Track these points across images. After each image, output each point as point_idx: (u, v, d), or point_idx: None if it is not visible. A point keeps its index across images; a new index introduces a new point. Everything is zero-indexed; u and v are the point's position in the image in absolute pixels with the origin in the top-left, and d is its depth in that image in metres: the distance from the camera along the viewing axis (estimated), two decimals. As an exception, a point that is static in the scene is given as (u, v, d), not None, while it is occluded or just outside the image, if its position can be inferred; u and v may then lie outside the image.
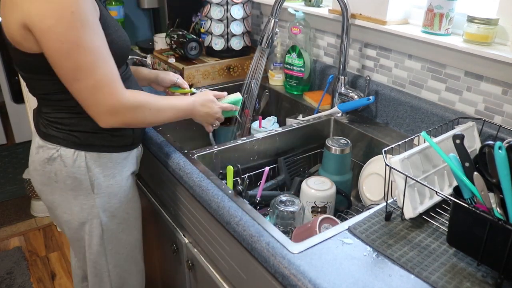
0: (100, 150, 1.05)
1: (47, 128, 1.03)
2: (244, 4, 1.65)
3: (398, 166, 0.81)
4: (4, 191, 2.75)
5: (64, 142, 1.02)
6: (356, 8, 1.34)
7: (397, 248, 0.77)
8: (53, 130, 1.03)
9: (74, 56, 0.88)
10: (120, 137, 1.07)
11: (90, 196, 1.06)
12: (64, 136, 1.02)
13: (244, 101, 1.48)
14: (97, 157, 1.05)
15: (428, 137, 0.84)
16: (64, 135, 1.02)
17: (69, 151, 1.02)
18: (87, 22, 0.88)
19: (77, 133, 1.02)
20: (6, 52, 2.95)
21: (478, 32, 1.07)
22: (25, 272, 2.12)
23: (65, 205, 1.08)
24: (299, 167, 1.28)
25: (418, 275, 0.71)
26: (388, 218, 0.85)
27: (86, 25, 0.87)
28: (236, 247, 0.91)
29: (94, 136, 1.03)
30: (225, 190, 0.96)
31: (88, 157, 1.04)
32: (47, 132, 1.03)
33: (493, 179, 0.73)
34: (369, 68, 1.42)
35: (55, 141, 1.03)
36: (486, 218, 0.67)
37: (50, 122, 1.03)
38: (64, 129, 1.02)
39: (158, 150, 1.17)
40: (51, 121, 1.03)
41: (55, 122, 1.02)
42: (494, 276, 0.71)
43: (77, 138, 1.02)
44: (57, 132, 1.02)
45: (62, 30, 0.85)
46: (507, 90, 1.07)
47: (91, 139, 1.03)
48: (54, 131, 1.03)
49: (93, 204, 1.07)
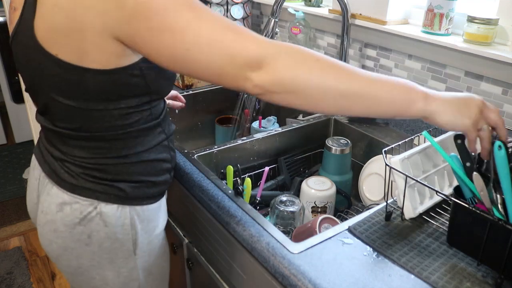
0: (143, 203, 0.87)
1: (78, 179, 0.81)
2: (244, 4, 1.65)
3: (398, 166, 0.81)
4: (4, 191, 2.75)
5: (104, 197, 0.82)
6: (356, 8, 1.34)
7: (397, 248, 0.77)
8: (88, 181, 0.82)
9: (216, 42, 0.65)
10: (160, 185, 0.91)
11: (131, 258, 0.88)
12: (104, 188, 0.82)
13: (244, 101, 1.48)
14: (140, 210, 0.87)
15: (430, 137, 0.84)
16: (104, 187, 0.82)
17: (111, 208, 0.83)
18: None
19: (122, 184, 0.83)
20: (6, 52, 2.97)
21: (478, 32, 1.08)
22: (25, 272, 2.12)
23: (94, 270, 0.88)
24: (299, 167, 1.28)
25: (418, 275, 0.71)
26: (388, 218, 0.85)
27: None
28: (236, 247, 0.91)
29: (139, 187, 0.85)
30: (225, 190, 0.96)
31: (133, 213, 0.85)
32: (78, 184, 0.81)
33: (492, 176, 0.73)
34: (369, 68, 1.42)
35: (92, 196, 0.82)
36: (487, 218, 0.67)
37: (86, 169, 0.82)
38: (105, 179, 0.82)
39: (158, 150, 1.17)
40: (87, 168, 0.81)
41: (94, 170, 0.81)
42: (494, 276, 0.71)
43: (121, 190, 0.83)
44: (94, 183, 0.82)
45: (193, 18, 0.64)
46: (507, 90, 1.07)
47: (136, 191, 0.85)
48: (90, 183, 0.82)
49: (134, 266, 0.90)
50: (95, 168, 0.82)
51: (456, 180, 0.90)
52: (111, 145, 0.81)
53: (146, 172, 0.86)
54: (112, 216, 0.83)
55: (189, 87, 1.55)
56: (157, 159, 0.88)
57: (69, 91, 0.74)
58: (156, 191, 0.90)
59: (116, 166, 0.82)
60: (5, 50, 2.97)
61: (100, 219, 0.83)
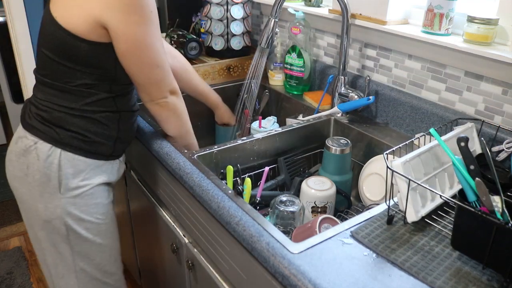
0: (76, 152, 1.05)
1: (31, 118, 1.04)
2: (244, 4, 1.65)
3: (400, 169, 0.80)
4: (4, 191, 2.75)
5: (43, 136, 1.03)
6: (356, 8, 1.34)
7: (400, 253, 0.76)
8: (36, 121, 1.04)
9: (156, 47, 1.02)
10: (99, 144, 1.08)
11: (56, 195, 1.06)
12: (45, 129, 1.03)
13: (244, 101, 1.48)
14: (71, 157, 1.05)
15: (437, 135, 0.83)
16: (45, 128, 1.03)
17: (45, 146, 1.03)
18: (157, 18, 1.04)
19: (59, 129, 1.03)
20: (6, 52, 2.97)
21: (478, 32, 1.07)
22: (25, 272, 2.12)
23: (31, 200, 1.08)
24: (299, 167, 1.28)
25: (424, 280, 0.70)
26: (390, 221, 0.84)
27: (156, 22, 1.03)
28: (236, 247, 0.91)
29: (74, 137, 1.04)
30: (225, 190, 0.96)
31: (63, 156, 1.04)
32: (30, 122, 1.04)
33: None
34: (369, 68, 1.42)
35: (35, 133, 1.03)
36: (493, 221, 0.67)
37: (38, 109, 1.04)
38: (48, 121, 1.03)
39: (158, 150, 1.17)
40: (39, 109, 1.04)
41: (43, 111, 1.03)
42: (499, 280, 0.70)
43: (57, 134, 1.03)
44: (39, 123, 1.03)
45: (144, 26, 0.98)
46: (507, 90, 1.07)
47: (70, 139, 1.04)
48: (38, 122, 1.03)
49: (58, 204, 1.06)
50: (45, 110, 1.03)
51: (457, 182, 0.90)
52: (64, 96, 1.03)
53: (85, 127, 1.05)
54: (45, 152, 1.03)
55: None
56: (101, 122, 1.06)
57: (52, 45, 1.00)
58: (92, 149, 1.07)
59: (60, 113, 1.03)
60: (5, 50, 2.97)
61: (36, 153, 1.03)
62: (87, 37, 0.97)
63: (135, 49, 0.99)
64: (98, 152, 1.09)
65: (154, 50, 1.02)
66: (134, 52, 1.00)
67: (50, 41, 1.00)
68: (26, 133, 1.05)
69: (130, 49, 0.99)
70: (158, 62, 1.04)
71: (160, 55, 1.04)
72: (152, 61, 1.03)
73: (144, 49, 1.00)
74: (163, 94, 1.09)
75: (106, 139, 1.09)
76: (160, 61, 1.05)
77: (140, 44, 0.99)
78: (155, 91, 1.08)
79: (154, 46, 1.02)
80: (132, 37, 0.98)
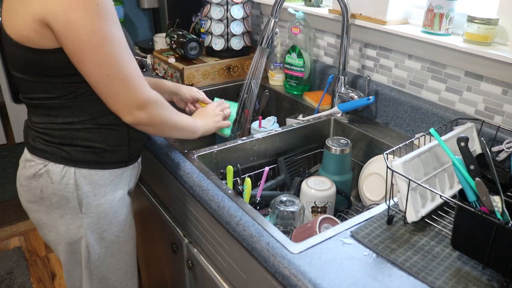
0: (91, 166, 0.98)
1: (35, 141, 0.97)
2: (244, 4, 1.65)
3: (400, 169, 0.80)
4: (4, 191, 2.75)
5: (52, 157, 0.96)
6: (356, 8, 1.34)
7: (400, 253, 0.76)
8: (41, 143, 0.96)
9: (103, 49, 0.85)
10: (115, 153, 1.01)
11: (78, 216, 0.99)
12: (52, 150, 0.96)
13: (244, 101, 1.48)
14: (88, 174, 0.98)
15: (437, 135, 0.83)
16: (52, 149, 0.96)
17: (57, 167, 0.96)
18: (112, 15, 0.86)
19: (67, 147, 0.96)
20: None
21: (478, 32, 1.07)
22: (25, 272, 2.12)
23: (51, 224, 1.01)
24: (299, 167, 1.28)
25: (424, 280, 0.70)
26: (390, 222, 0.84)
27: (110, 18, 0.85)
28: (236, 247, 0.91)
29: (86, 151, 0.97)
30: (225, 190, 0.96)
31: (78, 174, 0.97)
32: (35, 146, 0.97)
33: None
34: (369, 68, 1.42)
35: (42, 156, 0.96)
36: (493, 222, 0.67)
37: (39, 133, 0.97)
38: (53, 142, 0.96)
39: (158, 150, 1.17)
40: (40, 133, 0.97)
41: (44, 134, 0.96)
42: (499, 280, 0.70)
43: (66, 153, 0.96)
44: (45, 145, 0.96)
45: (89, 22, 0.82)
46: (507, 90, 1.07)
47: (81, 154, 0.96)
48: (42, 145, 0.96)
49: (81, 224, 1.00)
50: (45, 132, 0.96)
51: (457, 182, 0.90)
52: (58, 113, 0.94)
53: (94, 138, 0.97)
54: (57, 174, 0.96)
55: None
56: (108, 128, 0.98)
57: (19, 66, 0.91)
58: (109, 158, 1.00)
59: (62, 131, 0.95)
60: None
61: (48, 176, 0.96)
62: (44, 46, 0.86)
63: (79, 50, 0.84)
64: (115, 161, 1.02)
65: (102, 52, 0.85)
66: (78, 54, 0.85)
67: (16, 63, 0.91)
68: (34, 156, 0.97)
69: (73, 51, 0.85)
70: (109, 69, 0.87)
71: (113, 58, 0.86)
72: (100, 66, 0.86)
73: (91, 50, 0.84)
74: (126, 110, 0.92)
75: (119, 144, 1.01)
76: (112, 67, 0.87)
77: (84, 44, 0.83)
78: (114, 106, 0.92)
79: (103, 47, 0.85)
80: (73, 35, 0.83)
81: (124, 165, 1.05)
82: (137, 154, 1.10)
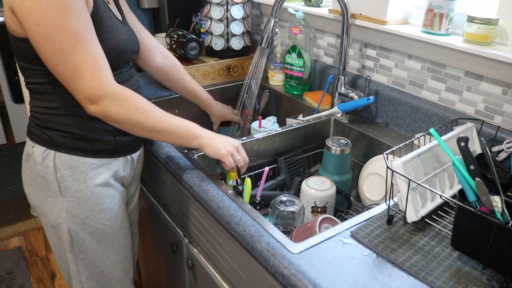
0: (70, 152, 1.01)
1: (30, 124, 1.04)
2: (244, 4, 1.65)
3: (400, 169, 0.80)
4: (4, 191, 2.75)
5: (37, 140, 1.01)
6: (356, 8, 1.34)
7: (400, 253, 0.76)
8: (32, 126, 1.03)
9: (51, 40, 0.86)
10: (97, 142, 1.02)
11: (58, 198, 1.03)
12: (38, 133, 1.01)
13: (244, 101, 1.48)
14: (68, 158, 1.01)
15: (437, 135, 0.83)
16: (38, 132, 1.01)
17: (40, 149, 1.01)
18: (67, 5, 0.85)
19: (49, 131, 1.00)
20: (6, 52, 2.97)
21: (478, 32, 1.07)
22: (25, 272, 2.12)
23: (39, 206, 1.07)
24: (299, 167, 1.28)
25: (424, 280, 0.70)
26: (390, 222, 0.84)
27: (64, 8, 0.85)
28: (236, 247, 0.91)
29: (65, 137, 1.00)
30: (225, 190, 0.96)
31: (57, 158, 1.00)
32: (29, 128, 1.05)
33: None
34: (369, 68, 1.42)
35: (31, 138, 1.03)
36: (493, 221, 0.67)
37: (32, 117, 1.04)
38: (38, 125, 1.01)
39: (158, 150, 1.17)
40: (32, 116, 1.03)
41: (33, 117, 1.03)
42: (499, 280, 0.70)
43: (48, 136, 1.00)
44: (33, 128, 1.03)
45: (39, 12, 0.84)
46: (507, 90, 1.07)
47: (61, 139, 1.00)
48: (32, 127, 1.03)
49: (61, 208, 1.03)
50: (34, 116, 1.03)
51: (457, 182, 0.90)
52: (44, 97, 0.99)
53: (74, 125, 1.00)
54: (39, 156, 1.01)
55: None
56: (90, 117, 0.96)
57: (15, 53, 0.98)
58: (89, 147, 1.02)
59: (45, 115, 1.00)
60: (5, 50, 2.97)
61: (33, 158, 1.02)
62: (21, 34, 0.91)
63: (32, 39, 0.87)
64: (97, 150, 1.03)
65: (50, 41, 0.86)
66: (34, 43, 0.88)
67: (12, 49, 0.99)
68: (27, 139, 1.05)
69: (30, 39, 0.88)
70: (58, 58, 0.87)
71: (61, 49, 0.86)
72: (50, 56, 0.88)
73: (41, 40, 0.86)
74: (82, 102, 0.92)
75: (102, 134, 1.02)
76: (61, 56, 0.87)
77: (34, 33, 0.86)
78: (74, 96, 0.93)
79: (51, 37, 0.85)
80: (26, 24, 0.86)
81: (109, 156, 1.06)
82: (126, 148, 1.09)
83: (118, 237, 1.13)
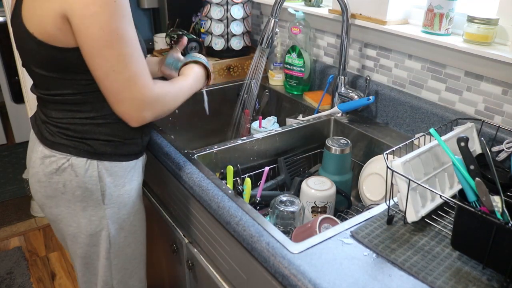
0: (111, 159, 1.01)
1: (55, 136, 0.99)
2: (244, 4, 1.65)
3: (400, 169, 0.80)
4: (4, 191, 2.75)
5: (75, 151, 0.98)
6: (356, 8, 1.34)
7: (400, 253, 0.76)
8: (62, 138, 0.98)
9: (114, 46, 0.87)
10: (130, 145, 1.05)
11: (100, 207, 1.03)
12: (75, 144, 0.98)
13: (244, 101, 1.48)
14: (109, 166, 1.01)
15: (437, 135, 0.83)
16: (75, 143, 0.98)
17: (80, 160, 0.98)
18: (127, 13, 0.88)
19: (90, 141, 0.99)
20: (6, 52, 2.97)
21: (478, 32, 1.07)
22: (25, 272, 2.12)
23: (71, 217, 1.04)
24: (299, 167, 1.28)
25: (424, 280, 0.70)
26: (390, 222, 0.84)
27: (126, 16, 0.88)
28: (236, 247, 0.91)
29: (107, 145, 1.00)
30: (225, 190, 0.96)
31: (100, 166, 1.00)
32: (55, 141, 0.99)
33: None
34: (369, 68, 1.42)
35: (65, 150, 0.98)
36: (493, 221, 0.67)
37: (60, 128, 0.99)
38: (75, 136, 0.98)
39: (158, 150, 1.17)
40: (61, 128, 0.99)
41: (66, 129, 0.98)
42: (499, 280, 0.70)
43: (89, 146, 0.99)
44: (67, 140, 0.98)
45: (105, 18, 0.84)
46: (507, 90, 1.07)
47: (103, 148, 1.00)
48: (64, 139, 0.98)
49: (103, 215, 1.04)
50: (67, 127, 0.98)
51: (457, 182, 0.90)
52: (80, 108, 0.98)
53: (113, 132, 1.01)
54: (81, 167, 0.99)
55: None
56: (125, 122, 0.98)
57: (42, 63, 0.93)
58: (126, 150, 1.04)
59: (84, 126, 0.99)
60: (5, 50, 2.97)
61: (72, 170, 0.98)
62: (68, 44, 0.89)
63: (91, 44, 0.86)
64: (131, 153, 1.06)
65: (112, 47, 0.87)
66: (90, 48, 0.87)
67: (38, 59, 0.93)
68: (54, 152, 0.98)
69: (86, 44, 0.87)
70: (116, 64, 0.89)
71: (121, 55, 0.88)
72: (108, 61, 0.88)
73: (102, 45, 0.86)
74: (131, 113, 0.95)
75: (134, 136, 1.05)
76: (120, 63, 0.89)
77: (96, 38, 0.85)
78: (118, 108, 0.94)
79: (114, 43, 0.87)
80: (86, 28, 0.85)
81: (136, 157, 1.09)
82: (145, 146, 1.14)
83: (142, 237, 1.17)
